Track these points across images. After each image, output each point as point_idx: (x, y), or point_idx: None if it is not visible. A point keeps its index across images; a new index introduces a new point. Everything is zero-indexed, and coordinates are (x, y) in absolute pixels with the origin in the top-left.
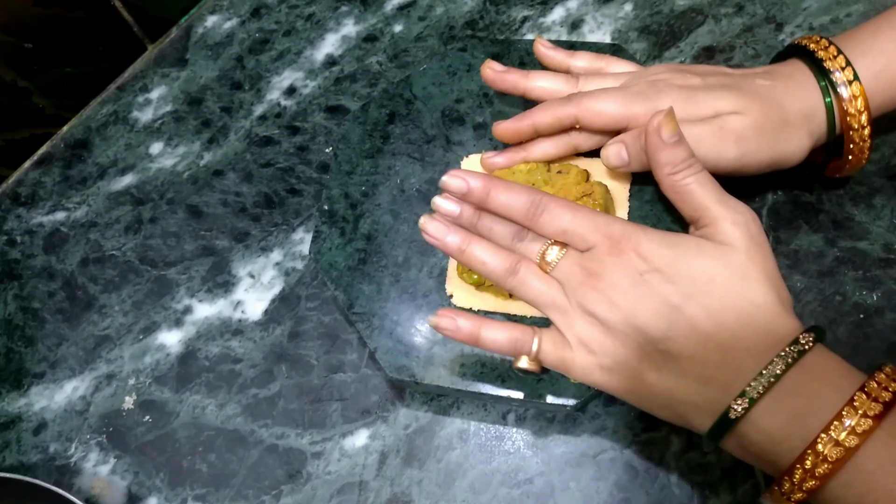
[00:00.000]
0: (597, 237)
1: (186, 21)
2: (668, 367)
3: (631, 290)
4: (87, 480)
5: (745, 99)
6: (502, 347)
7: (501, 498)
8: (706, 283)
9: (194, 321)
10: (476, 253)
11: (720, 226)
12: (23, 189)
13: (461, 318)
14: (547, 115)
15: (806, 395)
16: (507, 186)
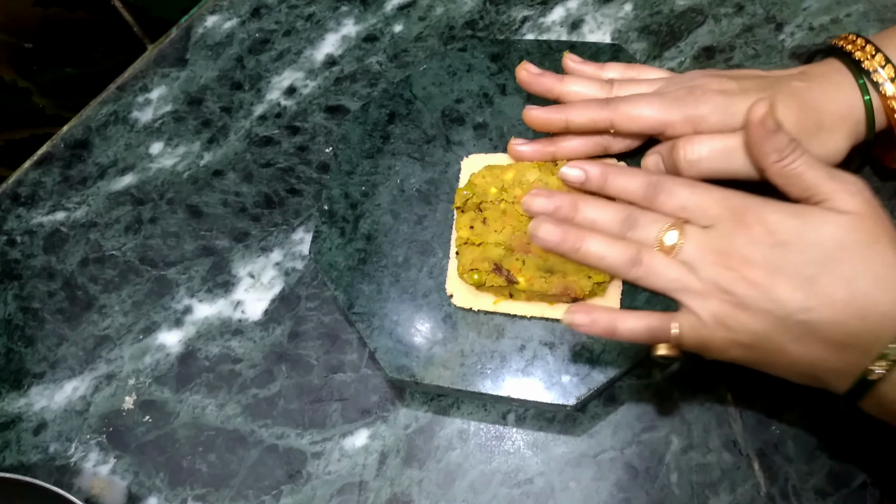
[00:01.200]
0: (719, 210)
1: (186, 21)
2: (807, 337)
3: (764, 264)
4: (87, 480)
5: (781, 104)
6: (641, 337)
7: (501, 498)
8: (837, 250)
9: (194, 321)
10: (593, 249)
11: (837, 198)
12: (23, 189)
13: (596, 313)
14: (583, 115)
15: None
16: (622, 170)
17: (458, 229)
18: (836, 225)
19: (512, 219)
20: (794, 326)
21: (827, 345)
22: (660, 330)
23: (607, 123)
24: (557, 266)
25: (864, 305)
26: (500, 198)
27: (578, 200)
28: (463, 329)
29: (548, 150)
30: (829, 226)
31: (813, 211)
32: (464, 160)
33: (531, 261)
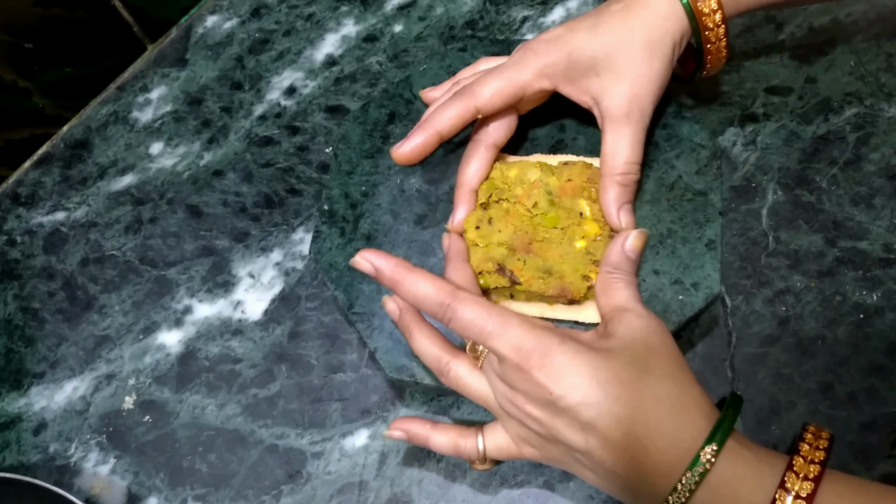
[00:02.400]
0: (506, 350)
1: (186, 21)
2: (599, 473)
3: (544, 409)
4: (87, 480)
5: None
6: (449, 452)
7: (501, 498)
8: (614, 387)
9: (194, 321)
10: (416, 339)
11: (626, 316)
12: (23, 189)
13: (414, 427)
14: (447, 117)
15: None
16: (415, 279)
17: (466, 230)
18: (615, 359)
19: (514, 218)
20: (586, 461)
21: (617, 485)
22: (465, 448)
23: (472, 111)
24: (555, 267)
25: (637, 454)
26: (503, 196)
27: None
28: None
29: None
30: (609, 363)
31: (596, 355)
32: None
33: (531, 261)
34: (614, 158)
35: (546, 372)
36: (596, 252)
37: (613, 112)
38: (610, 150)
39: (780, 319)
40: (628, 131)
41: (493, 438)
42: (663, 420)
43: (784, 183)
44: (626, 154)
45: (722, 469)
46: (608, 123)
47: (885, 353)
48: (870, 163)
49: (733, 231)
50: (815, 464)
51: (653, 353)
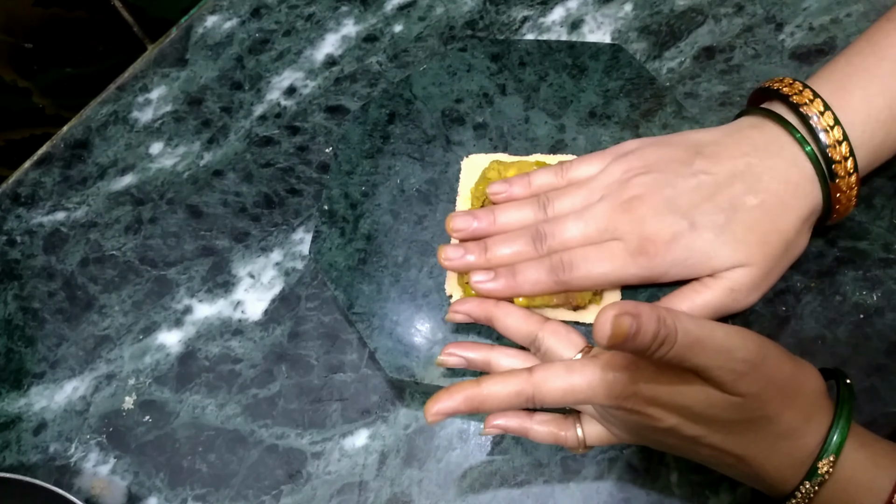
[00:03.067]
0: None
1: (186, 21)
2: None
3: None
4: (87, 480)
5: (743, 247)
6: (548, 441)
7: (501, 498)
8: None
9: (194, 321)
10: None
11: (724, 383)
12: (23, 189)
13: (512, 420)
14: (536, 288)
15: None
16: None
17: None
18: (721, 409)
19: None
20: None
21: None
22: (565, 439)
23: (561, 290)
24: None
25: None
26: None
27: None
28: (463, 329)
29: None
30: (716, 410)
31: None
32: (464, 160)
33: None
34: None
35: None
36: None
37: (723, 281)
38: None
39: (780, 319)
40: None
41: (592, 428)
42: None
43: None
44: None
45: (839, 474)
46: (710, 281)
47: (885, 353)
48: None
49: None
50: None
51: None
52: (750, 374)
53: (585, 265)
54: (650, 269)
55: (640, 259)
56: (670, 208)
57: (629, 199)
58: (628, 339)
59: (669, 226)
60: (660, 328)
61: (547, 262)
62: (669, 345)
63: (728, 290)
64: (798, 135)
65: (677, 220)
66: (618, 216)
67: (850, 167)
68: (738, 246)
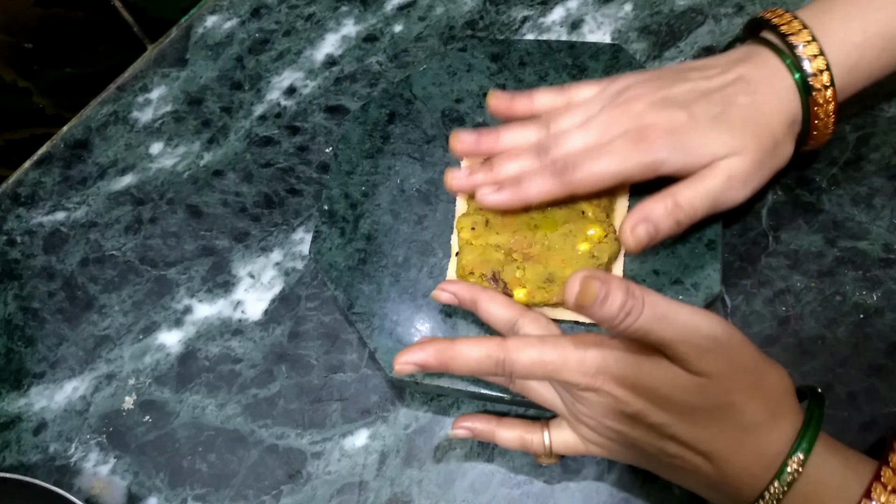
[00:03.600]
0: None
1: (186, 21)
2: (680, 474)
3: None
4: (87, 480)
5: (738, 136)
6: (515, 447)
7: (501, 498)
8: (691, 415)
9: (194, 321)
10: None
11: (688, 360)
12: (23, 189)
13: (479, 423)
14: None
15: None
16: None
17: (460, 230)
18: (686, 391)
19: (512, 220)
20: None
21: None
22: (531, 444)
23: (567, 193)
24: (558, 273)
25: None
26: None
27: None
28: (463, 329)
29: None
30: (678, 392)
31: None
32: (464, 160)
33: (531, 268)
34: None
35: (620, 390)
36: (601, 255)
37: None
38: (687, 184)
39: (780, 319)
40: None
41: (559, 435)
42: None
43: (784, 183)
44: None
45: (808, 476)
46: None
47: (885, 353)
48: (870, 163)
49: (733, 231)
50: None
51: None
52: (715, 351)
53: (588, 163)
54: (652, 156)
55: (641, 146)
56: (668, 103)
57: (627, 99)
58: (596, 303)
59: (668, 116)
60: (628, 298)
61: (550, 168)
62: (635, 316)
63: (726, 177)
64: (787, 60)
65: (676, 111)
66: (617, 116)
67: (829, 96)
68: (735, 134)
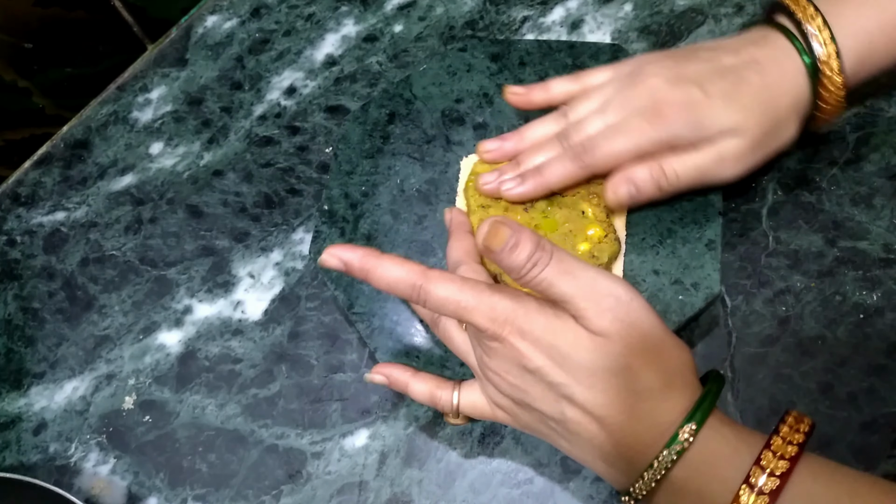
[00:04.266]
0: (482, 321)
1: (186, 21)
2: (575, 442)
3: (521, 377)
4: (87, 480)
5: (743, 113)
6: (425, 401)
7: (501, 498)
8: (588, 377)
9: (194, 321)
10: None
11: (587, 316)
12: (23, 189)
13: (395, 372)
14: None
15: (696, 492)
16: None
17: None
18: (585, 350)
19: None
20: (560, 430)
21: (592, 455)
22: (440, 399)
23: (587, 175)
24: None
25: (616, 431)
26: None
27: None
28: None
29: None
30: (580, 351)
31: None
32: (464, 160)
33: None
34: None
35: (525, 342)
36: (601, 255)
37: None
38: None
39: (780, 319)
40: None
41: (468, 396)
42: (644, 408)
43: (784, 183)
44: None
45: (700, 446)
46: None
47: (885, 353)
48: (870, 163)
49: (733, 231)
50: (792, 445)
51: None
52: (614, 310)
53: (605, 143)
54: (667, 132)
55: (656, 122)
56: (682, 80)
57: (642, 78)
58: (505, 249)
59: (683, 92)
60: (536, 250)
61: (570, 152)
62: (541, 267)
63: (717, 154)
64: (798, 44)
65: (690, 88)
66: (633, 95)
67: (839, 82)
68: (745, 112)
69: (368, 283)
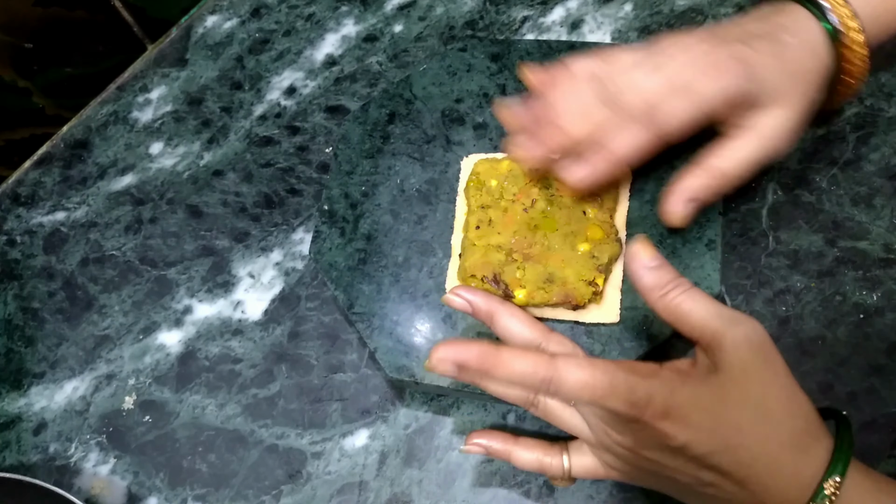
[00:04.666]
0: (621, 408)
1: (186, 21)
2: (712, 501)
3: (660, 454)
4: (87, 480)
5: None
6: (534, 469)
7: (501, 498)
8: (736, 435)
9: (194, 321)
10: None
11: (726, 346)
12: (23, 189)
13: (496, 440)
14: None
15: None
16: (509, 358)
17: (467, 230)
18: (731, 404)
19: (512, 220)
20: (698, 494)
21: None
22: (550, 467)
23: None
24: (557, 273)
25: (758, 492)
26: (500, 194)
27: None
28: (463, 329)
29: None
30: (725, 407)
31: (713, 394)
32: (464, 160)
33: (531, 269)
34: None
35: (667, 423)
36: (601, 255)
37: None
38: (729, 152)
39: (780, 319)
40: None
41: (579, 459)
42: (786, 461)
43: (784, 183)
44: (740, 163)
45: (844, 500)
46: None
47: (885, 353)
48: (870, 163)
49: (733, 231)
50: None
51: (769, 388)
52: (751, 343)
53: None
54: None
55: (718, 78)
56: (727, 41)
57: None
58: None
59: (733, 48)
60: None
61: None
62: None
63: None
64: (814, 10)
65: (739, 46)
66: (683, 57)
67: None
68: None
69: (493, 377)
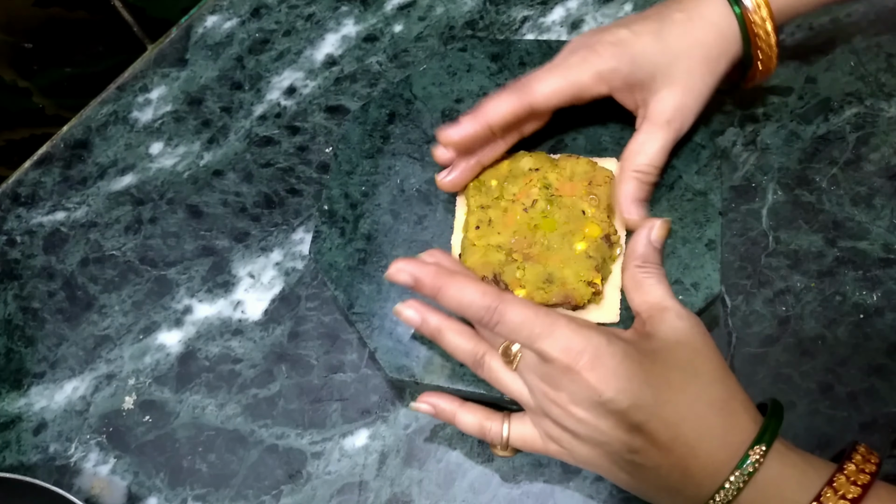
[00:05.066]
0: (554, 352)
1: (186, 21)
2: (637, 474)
3: (589, 410)
4: (87, 480)
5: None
6: (474, 433)
7: (501, 498)
8: (664, 391)
9: (194, 321)
10: (448, 339)
11: (667, 316)
12: (23, 189)
13: (442, 402)
14: (500, 110)
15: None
16: (459, 284)
17: (467, 230)
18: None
19: (512, 220)
20: (622, 462)
21: (656, 487)
22: (489, 431)
23: (526, 108)
24: (556, 273)
25: (685, 455)
26: (500, 194)
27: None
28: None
29: (471, 163)
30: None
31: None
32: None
33: (531, 269)
34: (639, 156)
35: (597, 374)
36: (597, 255)
37: (657, 116)
38: (638, 147)
39: (780, 319)
40: (662, 136)
41: (519, 429)
42: (713, 424)
43: (784, 183)
44: (652, 155)
45: (769, 469)
46: (647, 124)
47: (885, 353)
48: (870, 163)
49: (733, 231)
50: (865, 473)
51: (699, 355)
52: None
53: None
54: (603, 65)
55: (591, 59)
56: (611, 27)
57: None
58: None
59: (612, 33)
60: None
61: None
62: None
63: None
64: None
65: (618, 29)
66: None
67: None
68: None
69: (438, 301)
